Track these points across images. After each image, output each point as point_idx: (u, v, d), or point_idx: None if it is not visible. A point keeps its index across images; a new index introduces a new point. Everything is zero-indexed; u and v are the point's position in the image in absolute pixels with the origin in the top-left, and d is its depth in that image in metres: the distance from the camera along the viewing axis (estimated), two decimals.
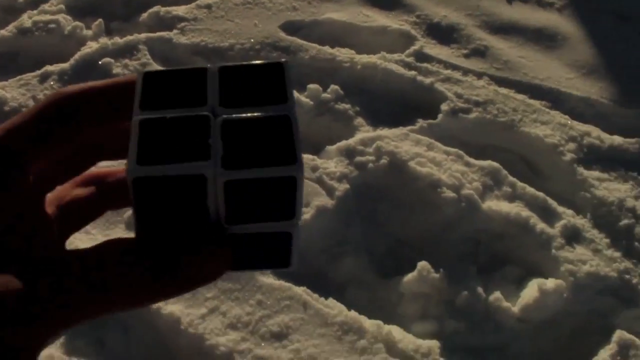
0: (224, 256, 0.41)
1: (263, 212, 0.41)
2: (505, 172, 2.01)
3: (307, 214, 1.84)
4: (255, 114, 0.41)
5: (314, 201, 1.86)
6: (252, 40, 2.39)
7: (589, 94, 2.35)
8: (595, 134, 2.18)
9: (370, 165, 1.97)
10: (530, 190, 1.98)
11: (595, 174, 2.05)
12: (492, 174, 1.99)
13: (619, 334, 1.69)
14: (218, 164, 0.39)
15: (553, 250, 1.84)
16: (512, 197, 1.95)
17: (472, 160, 2.03)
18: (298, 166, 0.39)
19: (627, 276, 1.80)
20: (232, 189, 0.39)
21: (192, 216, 0.41)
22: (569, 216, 1.92)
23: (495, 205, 1.91)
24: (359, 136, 2.07)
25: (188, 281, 0.40)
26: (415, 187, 1.93)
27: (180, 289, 0.40)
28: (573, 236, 1.88)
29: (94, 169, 0.48)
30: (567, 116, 2.24)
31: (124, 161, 0.42)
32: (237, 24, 2.47)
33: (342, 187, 1.91)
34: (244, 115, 0.41)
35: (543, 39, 2.60)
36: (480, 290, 1.74)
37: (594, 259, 1.82)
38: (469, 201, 1.90)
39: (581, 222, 1.92)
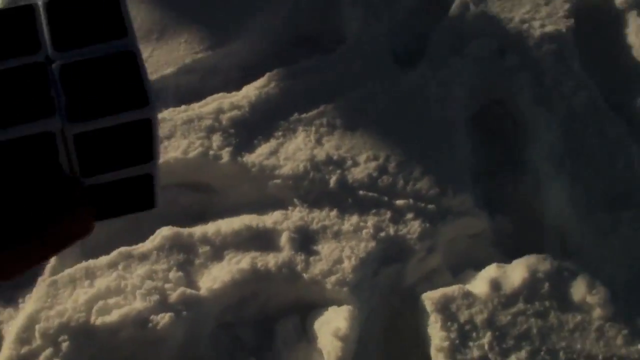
0: (86, 213, 0.39)
1: (120, 158, 0.39)
2: None
3: None
4: (96, 55, 0.39)
5: None
6: None
7: None
8: None
9: None
10: None
11: None
12: None
13: None
14: (64, 117, 0.37)
15: None
16: None
17: None
18: (151, 107, 0.37)
19: None
20: (83, 141, 0.37)
21: (46, 175, 0.38)
22: None
23: None
24: None
25: (58, 245, 0.39)
26: None
27: (52, 253, 0.39)
28: None
29: None
30: None
31: None
32: None
33: None
34: (82, 57, 0.38)
35: None
36: None
37: None
38: None
39: None
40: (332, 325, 1.51)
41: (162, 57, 1.93)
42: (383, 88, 1.89)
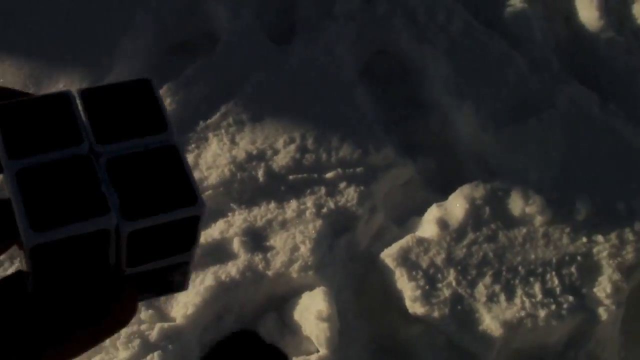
0: (132, 300, 0.40)
1: (164, 250, 0.40)
2: None
3: None
4: (140, 149, 0.39)
5: None
6: None
7: None
8: None
9: None
10: None
11: None
12: None
13: None
14: (118, 215, 0.36)
15: None
16: None
17: None
18: (199, 204, 0.38)
19: None
20: (135, 237, 0.38)
21: (93, 266, 0.38)
22: None
23: None
24: None
25: (106, 334, 0.38)
26: None
27: (100, 341, 0.39)
28: None
29: None
30: None
31: None
32: None
33: None
34: (127, 152, 0.38)
35: None
36: None
37: None
38: None
39: None
40: (313, 310, 1.56)
41: None
42: (270, 72, 1.92)
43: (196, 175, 1.74)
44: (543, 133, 1.87)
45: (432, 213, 1.74)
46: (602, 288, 1.66)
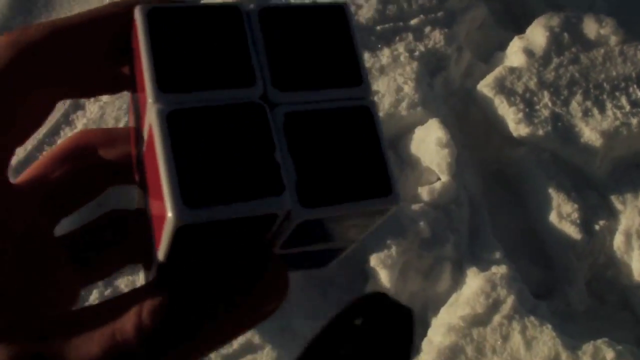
0: (283, 271, 0.32)
1: (326, 237, 0.33)
2: None
3: None
4: (326, 105, 0.30)
5: None
6: None
7: None
8: None
9: None
10: None
11: None
12: None
13: None
14: (294, 197, 0.29)
15: None
16: None
17: None
18: (394, 196, 0.30)
19: None
20: (305, 225, 0.30)
21: (242, 246, 0.31)
22: None
23: None
24: None
25: (265, 302, 0.32)
26: None
27: (260, 316, 0.32)
28: None
29: (76, 139, 0.38)
30: None
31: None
32: None
33: None
34: (312, 108, 0.30)
35: None
36: None
37: None
38: None
39: None
40: (431, 140, 1.65)
41: None
42: None
43: None
44: None
45: (516, 44, 1.84)
46: None
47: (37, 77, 0.32)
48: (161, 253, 0.29)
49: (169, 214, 0.26)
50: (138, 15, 0.29)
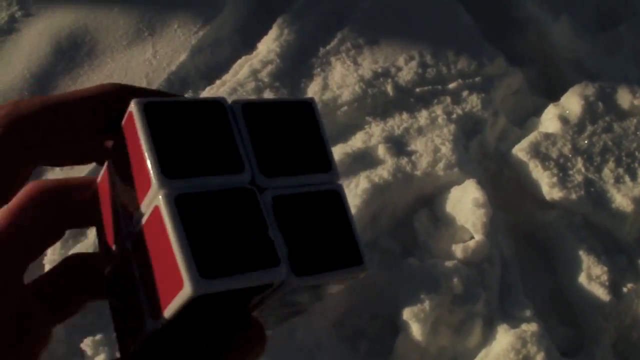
0: (260, 331, 0.37)
1: (298, 303, 0.38)
2: None
3: None
4: (305, 189, 0.35)
5: None
6: None
7: None
8: None
9: None
10: None
11: None
12: None
13: None
14: (288, 268, 0.33)
15: None
16: None
17: None
18: (365, 265, 0.35)
19: None
20: (293, 292, 0.34)
21: (231, 310, 0.35)
22: None
23: None
24: None
25: None
26: None
27: None
28: None
29: (41, 183, 0.40)
30: None
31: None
32: None
33: None
34: (293, 192, 0.35)
35: None
36: None
37: None
38: None
39: None
40: (467, 200, 1.71)
41: (168, 49, 2.00)
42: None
43: (328, 94, 1.87)
44: (633, 37, 2.05)
45: (551, 111, 1.90)
46: None
47: (26, 148, 0.36)
48: (164, 320, 0.33)
49: (187, 285, 0.30)
50: (135, 108, 0.33)
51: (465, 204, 1.71)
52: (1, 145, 0.35)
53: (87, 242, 1.59)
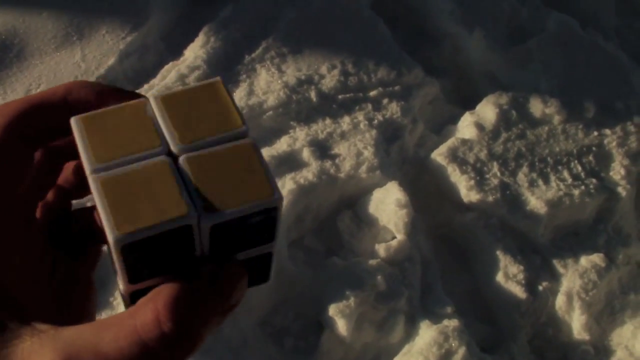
0: (242, 269, 0.41)
1: (247, 243, 0.42)
2: None
3: None
4: (218, 149, 0.40)
5: None
6: None
7: None
8: None
9: None
10: None
11: None
12: None
13: None
14: (202, 211, 0.38)
15: None
16: None
17: None
18: (276, 197, 0.39)
19: None
20: (217, 231, 0.39)
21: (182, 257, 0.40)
22: None
23: None
24: None
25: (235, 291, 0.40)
26: None
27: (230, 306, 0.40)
28: None
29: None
30: None
31: None
32: None
33: None
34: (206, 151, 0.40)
35: None
36: None
37: None
38: None
39: None
40: (390, 201, 1.76)
41: (96, 53, 2.01)
42: (299, 11, 2.14)
43: (254, 99, 1.91)
44: (542, 51, 2.15)
45: (467, 119, 1.98)
46: (617, 171, 1.95)
47: (27, 145, 0.40)
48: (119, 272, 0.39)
49: (110, 236, 0.36)
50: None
51: (388, 205, 1.77)
52: (4, 144, 0.39)
53: None
